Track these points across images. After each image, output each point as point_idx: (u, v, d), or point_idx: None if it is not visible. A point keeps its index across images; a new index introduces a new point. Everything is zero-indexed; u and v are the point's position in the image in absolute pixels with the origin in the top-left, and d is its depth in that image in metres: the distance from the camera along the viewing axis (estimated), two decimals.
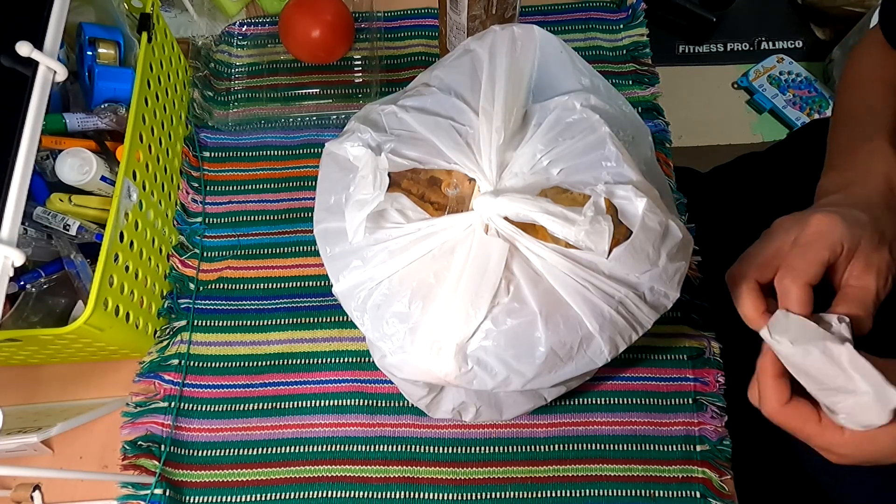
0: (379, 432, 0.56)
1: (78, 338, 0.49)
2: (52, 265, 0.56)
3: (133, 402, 0.58)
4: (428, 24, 0.76)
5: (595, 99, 0.45)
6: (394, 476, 0.55)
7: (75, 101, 0.62)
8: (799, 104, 1.55)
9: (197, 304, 0.62)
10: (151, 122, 0.59)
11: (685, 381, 0.57)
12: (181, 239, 0.65)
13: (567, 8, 0.76)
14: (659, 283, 0.40)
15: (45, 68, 0.48)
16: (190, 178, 0.68)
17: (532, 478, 0.54)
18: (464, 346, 0.38)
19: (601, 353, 0.39)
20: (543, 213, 0.38)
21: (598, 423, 0.56)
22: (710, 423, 0.55)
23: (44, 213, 0.54)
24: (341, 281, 0.41)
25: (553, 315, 0.38)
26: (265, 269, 0.64)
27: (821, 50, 1.64)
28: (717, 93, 1.62)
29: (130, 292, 0.54)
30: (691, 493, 0.53)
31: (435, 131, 0.44)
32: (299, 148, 0.69)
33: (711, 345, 0.58)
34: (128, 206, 0.53)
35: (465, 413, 0.51)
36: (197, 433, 0.57)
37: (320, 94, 0.73)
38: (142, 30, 0.59)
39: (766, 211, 0.71)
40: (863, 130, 0.53)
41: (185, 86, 0.71)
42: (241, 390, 0.59)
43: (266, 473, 0.56)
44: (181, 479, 0.55)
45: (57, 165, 0.54)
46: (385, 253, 0.40)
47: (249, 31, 0.76)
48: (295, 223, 0.66)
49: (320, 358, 0.60)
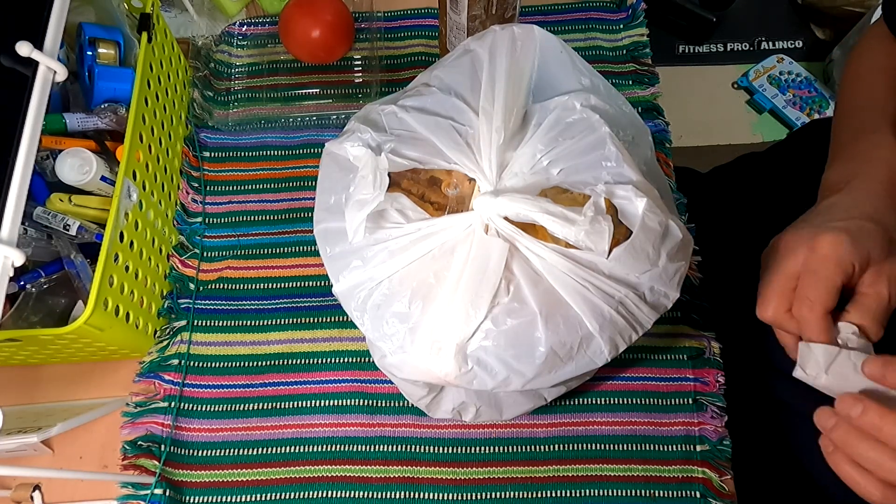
0: (379, 432, 0.56)
1: (78, 338, 0.49)
2: (52, 265, 0.56)
3: (133, 402, 0.58)
4: (428, 24, 0.76)
5: (595, 99, 0.45)
6: (394, 476, 0.55)
7: (75, 101, 0.62)
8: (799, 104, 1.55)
9: (197, 304, 0.62)
10: (151, 122, 0.59)
11: (685, 381, 0.57)
12: (181, 239, 0.65)
13: (567, 8, 0.76)
14: (659, 283, 0.40)
15: (45, 68, 0.48)
16: (190, 178, 0.68)
17: (532, 478, 0.54)
18: (464, 346, 0.38)
19: (601, 354, 0.39)
20: (543, 213, 0.38)
21: (598, 423, 0.56)
22: (710, 423, 0.55)
23: (44, 213, 0.54)
24: (341, 281, 0.41)
25: (553, 315, 0.38)
26: (265, 269, 0.64)
27: (821, 50, 1.64)
28: (717, 93, 1.62)
29: (130, 292, 0.54)
30: (691, 493, 0.53)
31: (435, 131, 0.44)
32: (299, 148, 0.69)
33: (711, 345, 0.58)
34: (128, 206, 0.53)
35: (465, 413, 0.51)
36: (197, 433, 0.57)
37: (320, 94, 0.73)
38: (142, 30, 0.59)
39: (766, 211, 0.71)
40: (866, 122, 0.52)
41: (185, 86, 0.71)
42: (241, 390, 0.59)
43: (266, 473, 0.56)
44: (181, 479, 0.55)
45: (57, 165, 0.54)
46: (385, 253, 0.40)
47: (249, 31, 0.76)
48: (295, 223, 0.66)
49: (320, 358, 0.60)
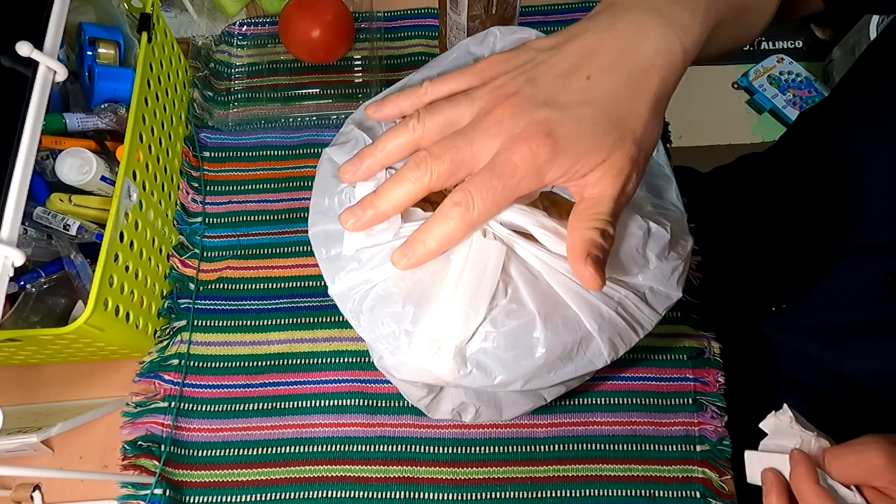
0: (379, 432, 0.56)
1: (78, 338, 0.49)
2: (52, 265, 0.56)
3: (133, 402, 0.58)
4: (428, 24, 0.76)
5: None
6: (394, 476, 0.55)
7: (75, 101, 0.62)
8: (799, 104, 1.55)
9: (197, 304, 0.62)
10: (151, 122, 0.59)
11: (685, 381, 0.57)
12: (181, 239, 0.65)
13: (567, 8, 0.76)
14: (657, 283, 0.40)
15: (45, 68, 0.48)
16: (190, 178, 0.68)
17: (532, 478, 0.54)
18: (463, 347, 0.38)
19: (601, 355, 0.39)
20: (538, 226, 0.38)
21: (598, 423, 0.56)
22: (710, 423, 0.55)
23: (44, 213, 0.54)
24: (337, 283, 0.41)
25: (552, 316, 0.38)
26: (265, 269, 0.64)
27: (821, 50, 1.64)
28: (717, 93, 1.62)
29: (130, 292, 0.54)
30: (691, 493, 0.53)
31: None
32: (299, 148, 0.69)
33: (711, 345, 0.58)
34: (128, 206, 0.53)
35: (464, 413, 0.51)
36: (197, 433, 0.57)
37: (320, 94, 0.73)
38: (142, 30, 0.59)
39: (766, 211, 0.71)
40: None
41: (185, 86, 0.71)
42: (241, 390, 0.59)
43: (266, 473, 0.56)
44: (181, 479, 0.56)
45: (57, 165, 0.54)
46: (381, 255, 0.40)
47: (249, 31, 0.76)
48: (295, 223, 0.66)
49: (320, 358, 0.60)
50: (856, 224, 0.57)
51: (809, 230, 0.62)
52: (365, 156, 0.39)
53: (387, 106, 0.41)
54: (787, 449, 0.42)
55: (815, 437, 0.42)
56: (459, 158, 0.35)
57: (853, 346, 0.58)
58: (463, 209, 0.34)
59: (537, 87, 0.35)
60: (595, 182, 0.35)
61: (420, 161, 0.35)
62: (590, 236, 0.34)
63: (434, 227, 0.36)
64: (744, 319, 0.66)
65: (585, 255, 0.34)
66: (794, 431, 0.42)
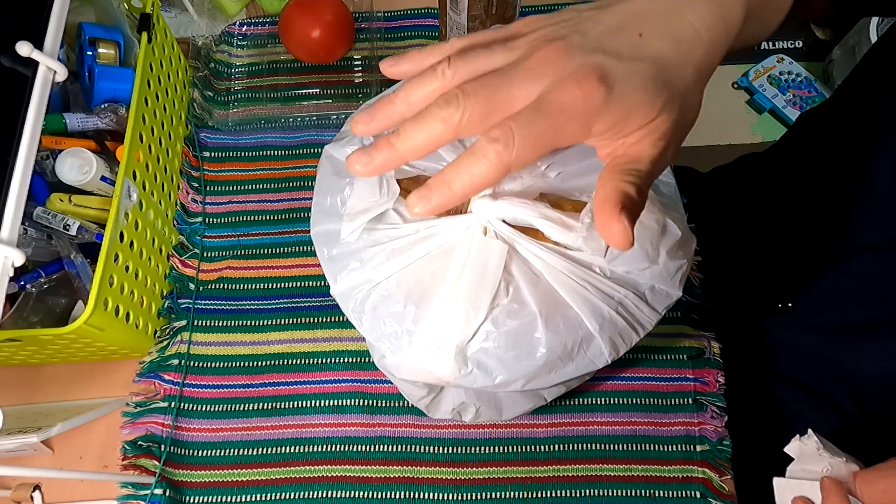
0: (379, 432, 0.56)
1: (78, 338, 0.49)
2: (52, 265, 0.56)
3: (133, 402, 0.58)
4: (428, 24, 0.76)
5: None
6: (394, 476, 0.55)
7: (75, 101, 0.62)
8: (799, 104, 1.55)
9: (197, 304, 0.62)
10: (151, 122, 0.59)
11: (685, 381, 0.57)
12: (181, 239, 0.65)
13: None
14: (660, 282, 0.40)
15: (45, 68, 0.48)
16: (190, 178, 0.68)
17: (532, 478, 0.54)
18: (464, 347, 0.38)
19: (601, 354, 0.39)
20: (542, 218, 0.38)
21: (598, 423, 0.56)
22: (710, 423, 0.55)
23: (44, 213, 0.54)
24: (339, 282, 0.41)
25: (553, 315, 0.38)
26: (265, 269, 0.64)
27: (821, 50, 1.64)
28: (717, 93, 1.62)
29: (130, 292, 0.54)
30: (691, 493, 0.53)
31: None
32: (299, 148, 0.69)
33: (711, 345, 0.58)
34: (128, 206, 0.53)
35: (464, 413, 0.51)
36: (197, 433, 0.57)
37: (320, 94, 0.73)
38: (142, 30, 0.59)
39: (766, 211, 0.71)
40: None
41: (185, 86, 0.71)
42: (241, 390, 0.59)
43: (266, 473, 0.56)
44: (181, 479, 0.55)
45: (57, 165, 0.54)
46: (383, 254, 0.40)
47: (249, 31, 0.76)
48: (295, 223, 0.66)
49: (320, 358, 0.60)
50: (862, 223, 0.57)
51: (813, 229, 0.62)
52: (384, 104, 0.33)
53: (405, 60, 0.35)
54: (816, 475, 0.42)
55: (844, 463, 0.41)
56: (496, 98, 0.30)
57: (860, 345, 0.58)
58: (502, 146, 0.29)
59: (586, 37, 0.32)
60: (636, 142, 0.32)
61: (451, 98, 0.31)
62: (626, 189, 0.30)
63: (464, 167, 0.30)
64: (745, 318, 0.66)
65: (621, 207, 0.30)
66: (823, 457, 0.42)
